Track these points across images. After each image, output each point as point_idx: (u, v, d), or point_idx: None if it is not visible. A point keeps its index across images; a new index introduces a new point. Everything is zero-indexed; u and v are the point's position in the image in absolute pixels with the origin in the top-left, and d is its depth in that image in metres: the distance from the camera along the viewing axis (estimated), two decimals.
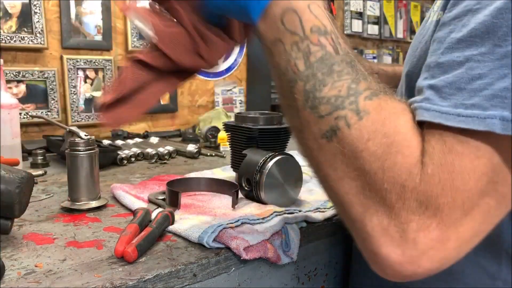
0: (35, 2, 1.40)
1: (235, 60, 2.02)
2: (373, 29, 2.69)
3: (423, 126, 0.38)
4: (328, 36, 0.42)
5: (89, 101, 1.57)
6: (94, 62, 1.56)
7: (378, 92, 0.40)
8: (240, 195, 0.81)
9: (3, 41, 1.35)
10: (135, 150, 1.24)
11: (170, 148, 1.28)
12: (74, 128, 0.78)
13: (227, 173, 1.02)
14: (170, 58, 0.48)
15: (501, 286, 0.48)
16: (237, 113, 0.94)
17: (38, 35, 1.41)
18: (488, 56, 0.36)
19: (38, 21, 1.41)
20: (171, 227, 0.67)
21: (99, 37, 1.58)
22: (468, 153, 0.35)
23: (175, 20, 0.49)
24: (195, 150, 1.27)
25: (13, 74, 1.39)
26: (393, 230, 0.36)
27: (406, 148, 0.37)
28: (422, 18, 3.08)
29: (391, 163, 0.37)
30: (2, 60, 0.98)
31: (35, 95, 1.44)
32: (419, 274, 0.36)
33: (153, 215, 0.70)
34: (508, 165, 0.35)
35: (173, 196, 0.77)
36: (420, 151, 0.37)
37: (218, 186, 0.87)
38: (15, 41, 1.37)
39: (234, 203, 0.76)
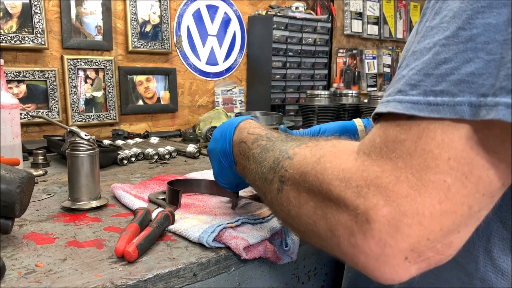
0: (36, 2, 1.41)
1: (235, 60, 2.02)
2: (372, 30, 2.69)
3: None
4: (262, 138, 0.58)
5: (89, 101, 1.57)
6: (95, 62, 1.56)
7: (305, 143, 0.48)
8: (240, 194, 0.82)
9: (4, 41, 1.35)
10: (136, 150, 1.24)
11: (170, 148, 1.28)
12: (74, 128, 0.78)
13: None
14: None
15: (479, 285, 0.47)
16: (237, 113, 0.94)
17: (38, 35, 1.41)
18: (453, 40, 0.36)
19: (39, 21, 1.41)
20: (171, 227, 0.67)
21: (99, 37, 1.58)
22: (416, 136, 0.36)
23: None
24: (195, 150, 1.28)
25: (13, 74, 1.39)
26: (350, 223, 0.38)
27: (334, 154, 0.42)
28: None
29: (322, 168, 0.41)
30: (2, 60, 0.99)
31: (36, 95, 1.45)
32: (399, 257, 0.36)
33: (154, 214, 0.70)
34: (477, 148, 0.35)
35: (173, 194, 0.77)
36: (349, 149, 0.41)
37: (219, 188, 0.85)
38: (15, 41, 1.37)
39: (234, 205, 0.76)
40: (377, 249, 0.36)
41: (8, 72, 1.37)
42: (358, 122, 0.89)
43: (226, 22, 1.96)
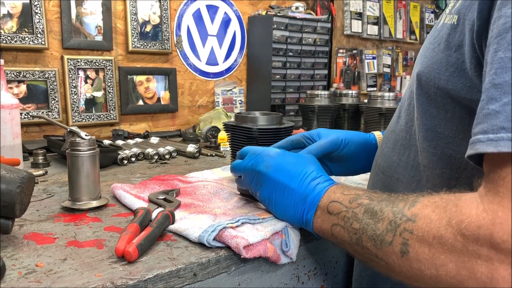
0: (36, 3, 1.41)
1: (235, 60, 2.02)
2: (372, 30, 2.69)
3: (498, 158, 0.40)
4: (361, 197, 0.55)
5: (89, 101, 1.57)
6: (95, 62, 1.56)
7: (416, 199, 0.48)
8: (238, 193, 0.82)
9: (4, 41, 1.35)
10: (136, 150, 1.24)
11: (170, 148, 1.28)
12: (74, 128, 0.78)
13: (227, 173, 1.02)
14: None
15: None
16: (237, 113, 0.94)
17: (38, 35, 1.41)
18: None
19: (39, 22, 1.41)
20: (171, 227, 0.67)
21: (99, 38, 1.58)
22: None
23: None
24: (195, 150, 1.28)
25: (14, 74, 1.39)
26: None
27: (461, 213, 0.42)
28: (421, 19, 3.08)
29: (457, 230, 0.41)
30: (3, 60, 0.99)
31: (36, 95, 1.45)
32: None
33: (154, 214, 0.70)
34: None
35: None
36: (472, 203, 0.41)
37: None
38: (15, 41, 1.37)
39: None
40: None
41: (8, 72, 1.37)
42: (378, 135, 0.87)
43: (226, 22, 1.96)
